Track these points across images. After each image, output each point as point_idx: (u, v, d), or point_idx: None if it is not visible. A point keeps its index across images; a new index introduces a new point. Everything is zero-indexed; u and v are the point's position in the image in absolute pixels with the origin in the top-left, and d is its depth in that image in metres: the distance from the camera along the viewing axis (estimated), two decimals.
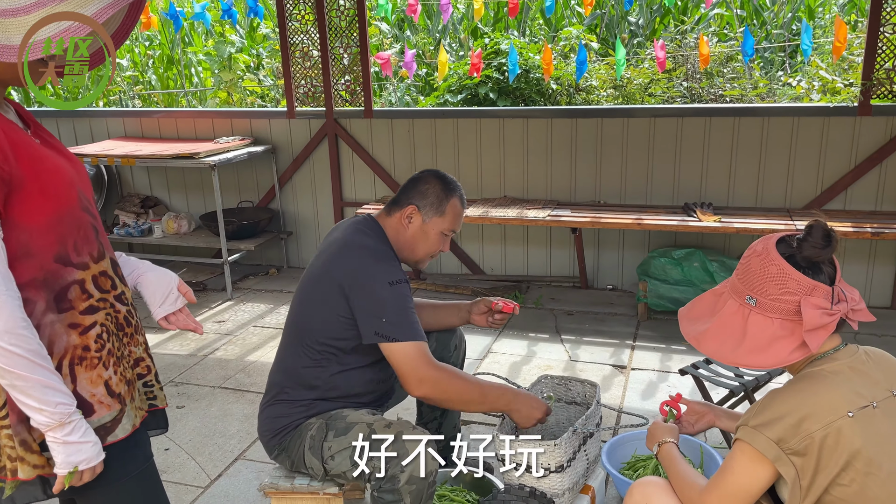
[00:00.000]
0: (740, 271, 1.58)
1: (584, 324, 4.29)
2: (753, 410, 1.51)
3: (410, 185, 2.28)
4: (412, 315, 2.11)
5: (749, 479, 1.50)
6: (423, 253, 2.28)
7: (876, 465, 1.42)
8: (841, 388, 1.46)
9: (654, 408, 3.29)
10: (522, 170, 4.84)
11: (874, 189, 4.28)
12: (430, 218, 2.24)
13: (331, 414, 2.18)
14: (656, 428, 1.94)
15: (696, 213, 4.19)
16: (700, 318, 1.64)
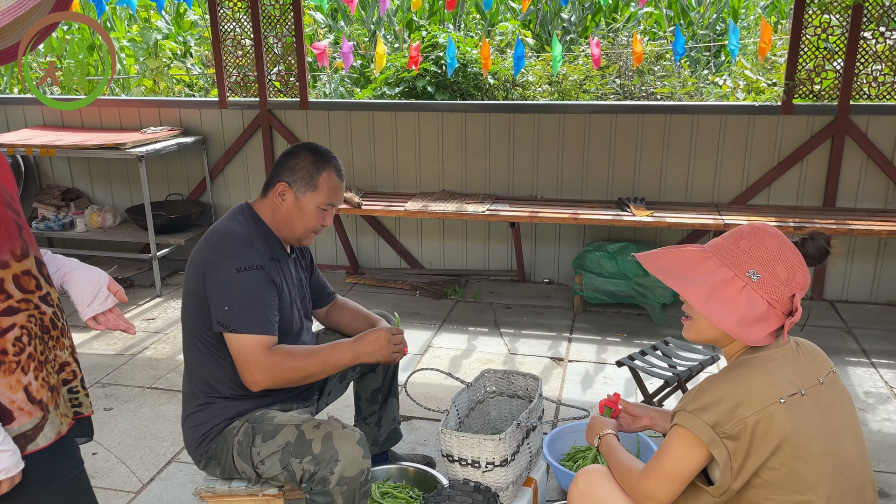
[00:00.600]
0: (746, 246, 1.57)
1: (522, 317, 4.33)
2: (690, 396, 1.56)
3: (280, 162, 2.19)
4: (259, 305, 2.01)
5: (684, 462, 1.54)
6: (302, 230, 2.18)
7: (804, 450, 1.48)
8: (774, 376, 1.52)
9: (592, 399, 3.36)
10: (461, 164, 4.84)
11: (796, 185, 4.47)
12: (303, 193, 2.15)
13: (256, 416, 2.11)
14: (596, 421, 1.98)
15: (629, 207, 4.29)
16: (676, 272, 1.60)
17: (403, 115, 4.85)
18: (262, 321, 2.02)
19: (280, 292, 2.14)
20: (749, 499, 1.52)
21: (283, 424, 2.04)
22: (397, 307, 4.49)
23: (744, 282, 1.53)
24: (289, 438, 2.00)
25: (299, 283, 2.33)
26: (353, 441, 1.96)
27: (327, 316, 2.57)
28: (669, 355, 3.14)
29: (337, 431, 1.97)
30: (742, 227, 1.61)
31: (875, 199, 4.38)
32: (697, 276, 1.56)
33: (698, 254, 1.60)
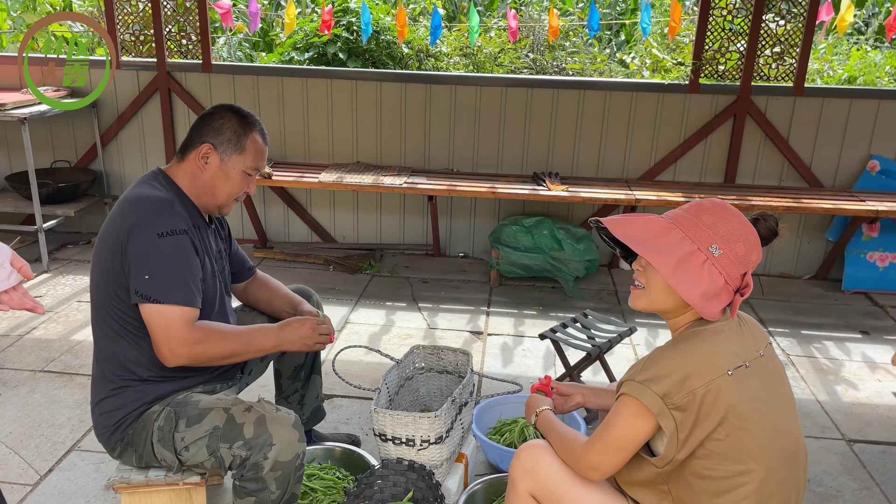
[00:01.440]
0: (709, 220, 1.56)
1: (439, 291, 4.30)
2: (639, 366, 1.56)
3: (202, 122, 2.03)
4: (183, 273, 1.87)
5: (631, 432, 1.55)
6: (224, 196, 2.04)
7: (748, 421, 1.52)
8: (721, 349, 1.54)
9: (513, 371, 3.38)
10: (376, 135, 4.72)
11: (699, 162, 4.65)
12: (229, 156, 2.01)
13: (177, 399, 1.97)
14: (532, 400, 1.96)
15: (545, 182, 4.32)
16: (643, 240, 1.57)
17: (315, 82, 4.66)
18: (185, 291, 1.88)
19: (202, 263, 1.99)
20: (692, 469, 1.55)
21: (210, 408, 1.91)
22: (310, 282, 4.35)
23: (705, 256, 1.53)
24: (216, 423, 1.88)
25: (219, 255, 2.18)
26: (287, 424, 1.86)
27: (245, 292, 2.42)
28: (588, 327, 3.19)
29: (270, 414, 1.86)
30: (702, 202, 1.62)
31: (771, 176, 4.62)
32: (662, 246, 1.55)
33: (662, 224, 1.59)
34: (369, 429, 2.88)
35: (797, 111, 4.48)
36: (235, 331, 1.98)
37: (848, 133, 4.50)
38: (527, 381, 3.30)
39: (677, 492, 1.58)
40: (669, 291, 1.58)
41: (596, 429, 1.65)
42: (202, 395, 2.01)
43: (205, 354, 1.91)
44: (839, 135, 4.51)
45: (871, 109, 4.44)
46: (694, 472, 1.54)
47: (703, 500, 1.54)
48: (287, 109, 4.71)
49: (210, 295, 2.03)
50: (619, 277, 4.62)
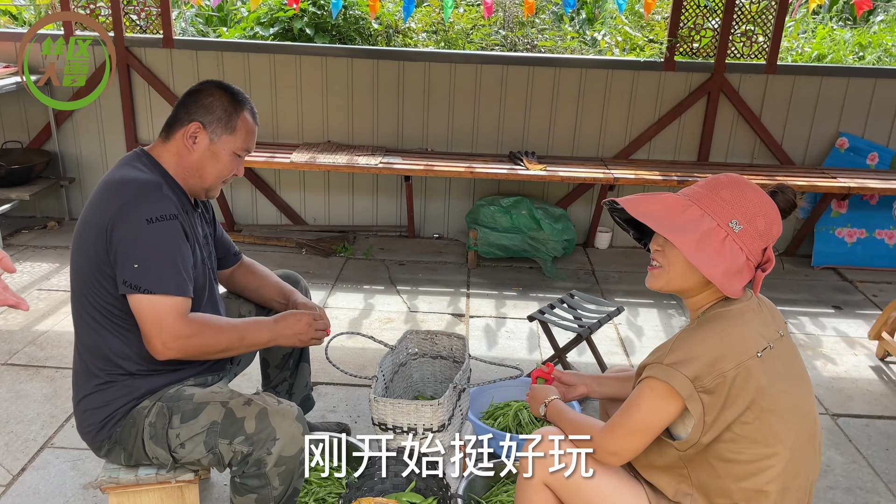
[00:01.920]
0: (727, 195, 1.52)
1: (417, 273, 4.22)
2: (665, 349, 1.52)
3: (189, 100, 1.90)
4: (175, 261, 1.76)
5: (656, 416, 1.51)
6: (213, 178, 1.91)
7: (775, 403, 1.49)
8: (749, 330, 1.51)
9: (499, 354, 3.33)
10: (347, 114, 4.59)
11: (674, 140, 4.65)
12: (219, 136, 1.88)
13: (169, 394, 1.87)
14: (537, 391, 1.90)
15: (523, 161, 4.26)
16: (661, 218, 1.53)
17: (283, 58, 4.49)
18: (178, 280, 1.76)
19: (192, 250, 1.88)
20: (717, 452, 1.52)
21: (206, 402, 1.81)
22: (284, 266, 4.21)
23: (726, 232, 1.49)
24: (214, 417, 1.78)
25: (205, 241, 2.06)
26: (291, 417, 1.77)
27: (231, 278, 2.31)
28: (575, 307, 3.16)
29: (272, 408, 1.77)
30: (719, 177, 1.58)
31: (743, 154, 4.66)
32: (682, 223, 1.50)
33: (680, 201, 1.54)
34: (357, 416, 2.81)
35: (769, 89, 4.51)
36: (231, 324, 1.88)
37: (818, 111, 4.55)
38: (513, 363, 3.26)
39: (698, 475, 1.56)
40: (689, 270, 1.53)
41: (615, 413, 1.61)
42: (195, 388, 1.90)
43: (199, 348, 1.80)
44: (810, 112, 4.56)
45: (841, 87, 4.50)
46: (719, 456, 1.52)
47: (728, 484, 1.52)
48: (254, 87, 4.53)
49: (200, 284, 1.92)
50: (595, 256, 4.61)
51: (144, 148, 1.94)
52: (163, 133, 1.93)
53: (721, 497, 1.54)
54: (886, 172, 4.44)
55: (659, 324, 3.71)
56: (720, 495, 1.54)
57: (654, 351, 1.58)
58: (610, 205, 1.68)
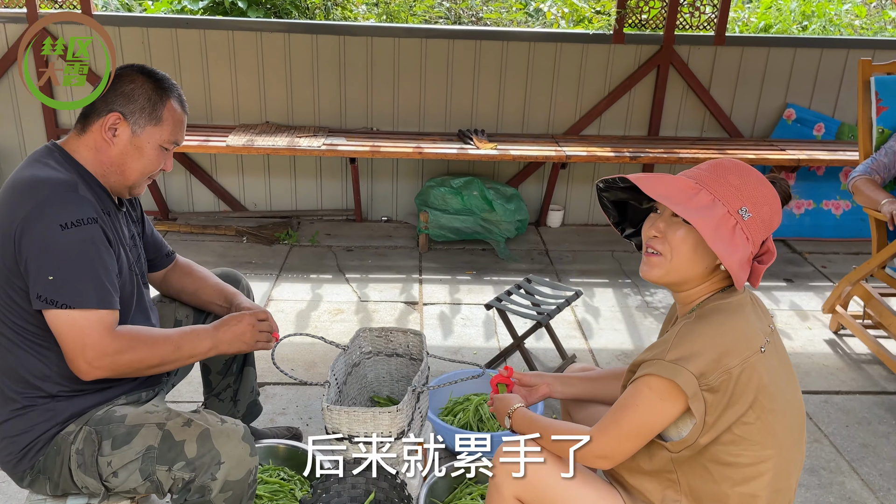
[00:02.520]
0: (736, 181, 1.40)
1: (366, 259, 4.04)
2: (665, 345, 1.40)
3: (109, 88, 1.68)
4: (95, 271, 1.56)
5: (655, 416, 1.40)
6: (137, 174, 1.71)
7: (775, 401, 1.41)
8: (752, 324, 1.42)
9: (455, 343, 3.21)
10: (286, 93, 4.34)
11: (624, 115, 4.56)
12: (143, 128, 1.68)
13: (97, 416, 1.67)
14: (500, 401, 1.77)
15: (472, 140, 4.11)
16: (677, 201, 1.40)
17: (215, 34, 4.20)
18: (100, 292, 1.56)
19: (117, 255, 1.68)
20: (714, 455, 1.41)
21: (139, 424, 1.62)
22: (223, 257, 3.99)
23: (735, 220, 1.38)
24: (150, 442, 1.60)
25: (133, 243, 1.86)
26: (236, 438, 1.60)
27: (165, 281, 2.10)
28: (532, 293, 3.06)
29: (215, 428, 1.60)
30: (722, 161, 1.45)
31: (693, 127, 4.61)
32: (695, 208, 1.37)
33: (690, 185, 1.41)
34: (309, 418, 2.65)
35: (718, 61, 4.46)
36: (165, 335, 1.69)
37: (766, 82, 4.53)
38: (470, 351, 3.15)
39: (689, 480, 1.45)
40: (695, 259, 1.42)
41: (607, 414, 1.49)
42: (127, 407, 1.71)
43: (129, 365, 1.61)
44: (757, 84, 4.53)
45: (788, 58, 4.48)
46: (716, 459, 1.41)
47: (725, 489, 1.42)
48: (184, 65, 4.24)
49: (127, 291, 1.72)
50: (547, 236, 4.52)
51: (57, 142, 1.72)
52: (78, 124, 1.71)
53: (712, 502, 1.44)
54: (833, 143, 4.46)
55: (615, 304, 3.64)
56: (713, 501, 1.44)
57: (651, 348, 1.45)
58: (606, 183, 1.55)
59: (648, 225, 1.47)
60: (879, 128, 3.11)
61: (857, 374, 3.06)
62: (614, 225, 1.66)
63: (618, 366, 3.07)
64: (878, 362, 3.13)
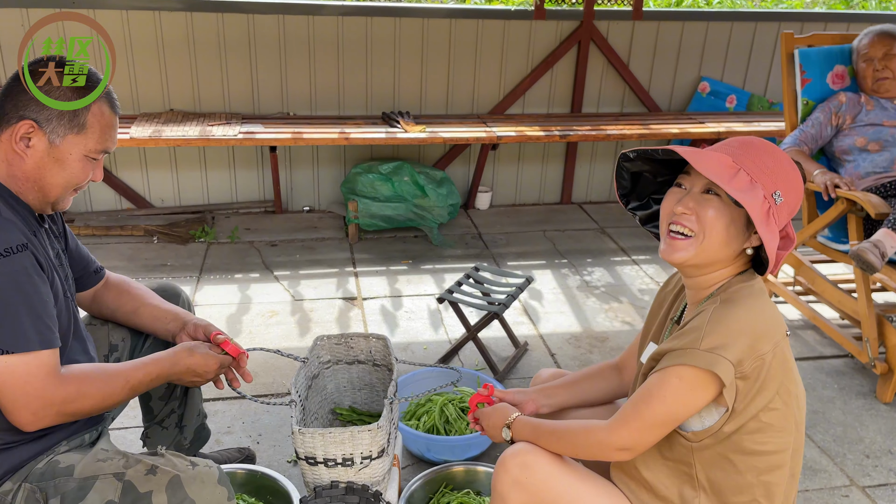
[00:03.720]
0: (771, 164, 1.32)
1: (293, 254, 3.80)
2: (697, 332, 1.31)
3: (16, 88, 1.42)
4: (32, 305, 1.34)
5: (683, 407, 1.32)
6: (59, 189, 1.47)
7: (796, 385, 1.39)
8: (775, 308, 1.38)
9: (402, 338, 3.06)
10: (191, 77, 3.99)
11: (547, 93, 4.51)
12: (62, 136, 1.44)
13: (38, 470, 1.43)
14: (488, 417, 1.66)
15: (399, 123, 3.93)
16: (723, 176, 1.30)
17: (107, 14, 3.78)
18: (41, 330, 1.34)
19: (51, 281, 1.42)
20: (738, 445, 1.35)
21: (93, 476, 1.39)
22: (133, 259, 3.64)
23: (769, 204, 1.30)
24: (109, 496, 1.37)
25: (59, 262, 1.59)
26: (212, 482, 1.41)
27: (95, 301, 1.83)
28: (482, 282, 2.95)
29: (186, 474, 1.39)
30: (751, 140, 1.36)
31: (613, 103, 4.62)
32: (739, 188, 1.28)
33: (729, 162, 1.31)
34: (259, 435, 2.44)
35: (636, 35, 4.47)
36: (115, 373, 1.46)
37: (681, 56, 4.59)
38: (419, 346, 3.01)
39: (708, 472, 1.38)
40: (727, 240, 1.34)
41: (627, 405, 1.39)
42: (71, 455, 1.46)
43: (79, 412, 1.40)
44: (673, 58, 4.58)
45: (701, 31, 4.55)
46: (740, 449, 1.35)
47: (749, 479, 1.36)
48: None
49: (64, 321, 1.47)
50: (477, 219, 4.42)
51: None
52: None
53: (738, 495, 1.38)
54: (746, 114, 4.59)
55: (556, 286, 3.59)
56: (737, 492, 1.38)
57: (679, 336, 1.35)
58: (637, 154, 1.43)
59: (673, 200, 1.38)
60: (804, 100, 3.18)
61: (794, 340, 3.15)
62: (620, 197, 1.56)
63: (569, 350, 3.03)
64: (811, 327, 3.24)
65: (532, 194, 4.70)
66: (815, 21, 4.73)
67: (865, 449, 2.46)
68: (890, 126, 2.92)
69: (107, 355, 1.79)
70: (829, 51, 3.18)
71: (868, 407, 2.69)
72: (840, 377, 2.87)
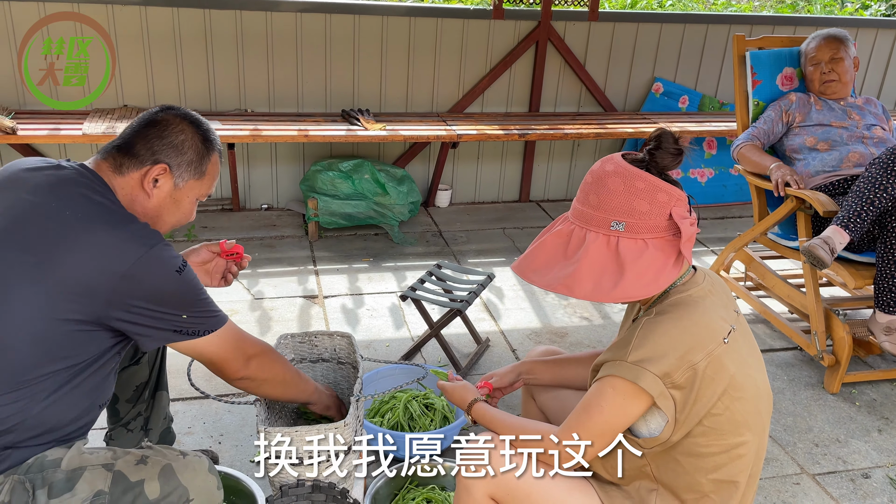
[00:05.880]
0: (594, 200, 1.38)
1: (252, 252, 3.75)
2: (626, 346, 1.36)
3: (153, 132, 1.51)
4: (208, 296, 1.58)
5: (620, 417, 1.38)
6: (169, 227, 1.60)
7: (743, 389, 1.40)
8: (712, 315, 1.40)
9: (365, 336, 3.06)
10: (145, 72, 3.90)
11: (505, 92, 4.55)
12: (186, 181, 1.55)
13: (26, 465, 1.39)
14: (454, 391, 1.74)
15: (359, 120, 3.92)
16: (550, 265, 1.40)
17: (56, 6, 3.67)
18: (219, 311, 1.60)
19: None
20: (684, 449, 1.40)
21: (81, 467, 1.37)
22: None
23: (614, 237, 1.35)
24: (99, 486, 1.36)
25: None
26: (202, 470, 1.44)
27: None
28: (444, 279, 2.97)
29: (178, 462, 1.42)
30: (585, 183, 1.42)
31: (570, 102, 4.68)
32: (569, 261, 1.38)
33: (563, 232, 1.41)
34: (220, 435, 2.41)
35: (592, 36, 4.54)
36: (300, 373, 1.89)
37: (636, 56, 4.68)
38: (382, 344, 3.02)
39: (662, 472, 1.44)
40: None
41: (571, 414, 1.44)
42: (58, 450, 1.43)
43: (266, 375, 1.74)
44: (628, 58, 4.67)
45: (655, 33, 4.65)
46: (687, 452, 1.40)
47: (698, 478, 1.41)
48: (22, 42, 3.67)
49: None
50: (438, 216, 4.43)
51: (89, 166, 1.50)
52: (111, 158, 1.50)
53: (689, 491, 1.43)
54: (698, 115, 4.71)
55: (516, 283, 3.63)
56: (688, 489, 1.43)
57: (612, 347, 1.42)
58: None
59: None
60: (755, 100, 3.29)
61: None
62: None
63: (530, 345, 3.07)
64: (762, 321, 3.34)
65: (491, 192, 4.74)
66: (764, 24, 4.89)
67: (815, 438, 2.56)
68: (838, 126, 3.03)
69: None
70: (778, 53, 3.29)
71: (816, 397, 2.79)
72: (789, 369, 2.98)
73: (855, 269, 2.74)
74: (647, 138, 1.42)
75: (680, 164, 1.41)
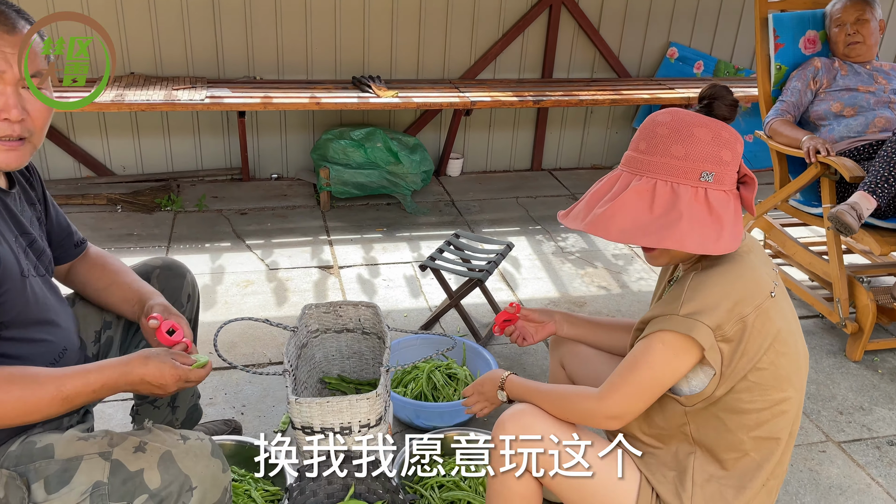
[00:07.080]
0: (680, 151, 1.31)
1: (264, 223, 3.71)
2: (677, 299, 1.34)
3: None
4: None
5: (669, 372, 1.35)
6: None
7: (787, 345, 1.39)
8: (759, 269, 1.39)
9: (382, 306, 3.01)
10: (152, 39, 3.82)
11: (518, 58, 4.46)
12: None
13: (13, 454, 1.33)
14: (480, 384, 1.68)
15: (371, 88, 3.84)
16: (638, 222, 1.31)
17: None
18: None
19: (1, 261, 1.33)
20: (727, 405, 1.38)
21: (77, 457, 1.31)
22: (96, 229, 3.51)
23: (703, 188, 1.31)
24: (97, 477, 1.29)
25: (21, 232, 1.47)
26: (205, 455, 1.34)
27: (69, 275, 1.71)
28: (463, 249, 2.93)
29: (178, 448, 1.32)
30: (656, 132, 1.34)
31: (584, 68, 4.60)
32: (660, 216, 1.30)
33: (644, 188, 1.32)
34: (242, 406, 2.39)
35: (607, 0, 4.44)
36: (46, 378, 1.31)
37: (651, 21, 4.58)
38: (400, 314, 2.99)
39: (702, 431, 1.42)
40: None
41: (614, 373, 1.41)
42: (48, 435, 1.37)
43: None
44: (643, 23, 4.58)
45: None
46: (729, 408, 1.38)
47: (740, 436, 1.40)
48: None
49: (17, 305, 1.36)
50: (450, 185, 4.38)
51: None
52: None
53: (729, 451, 1.41)
54: (714, 80, 4.61)
55: (532, 252, 3.60)
56: (729, 449, 1.41)
57: (660, 304, 1.39)
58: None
59: None
60: (777, 64, 3.21)
61: None
62: None
63: None
64: None
65: (503, 161, 4.68)
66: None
67: (839, 406, 2.55)
68: (864, 91, 2.96)
69: (98, 331, 1.70)
70: (801, 15, 3.20)
71: (839, 365, 2.77)
72: (810, 337, 2.95)
73: (881, 234, 2.69)
74: (701, 92, 1.41)
75: (734, 118, 1.40)
